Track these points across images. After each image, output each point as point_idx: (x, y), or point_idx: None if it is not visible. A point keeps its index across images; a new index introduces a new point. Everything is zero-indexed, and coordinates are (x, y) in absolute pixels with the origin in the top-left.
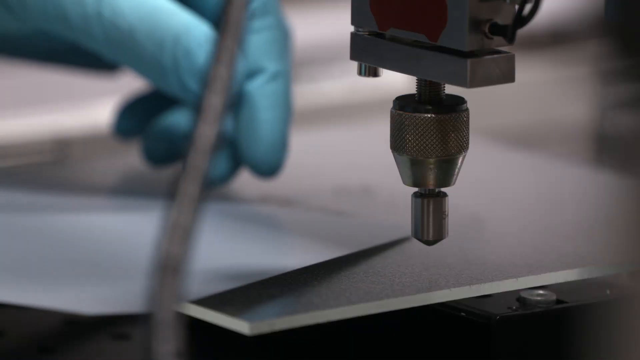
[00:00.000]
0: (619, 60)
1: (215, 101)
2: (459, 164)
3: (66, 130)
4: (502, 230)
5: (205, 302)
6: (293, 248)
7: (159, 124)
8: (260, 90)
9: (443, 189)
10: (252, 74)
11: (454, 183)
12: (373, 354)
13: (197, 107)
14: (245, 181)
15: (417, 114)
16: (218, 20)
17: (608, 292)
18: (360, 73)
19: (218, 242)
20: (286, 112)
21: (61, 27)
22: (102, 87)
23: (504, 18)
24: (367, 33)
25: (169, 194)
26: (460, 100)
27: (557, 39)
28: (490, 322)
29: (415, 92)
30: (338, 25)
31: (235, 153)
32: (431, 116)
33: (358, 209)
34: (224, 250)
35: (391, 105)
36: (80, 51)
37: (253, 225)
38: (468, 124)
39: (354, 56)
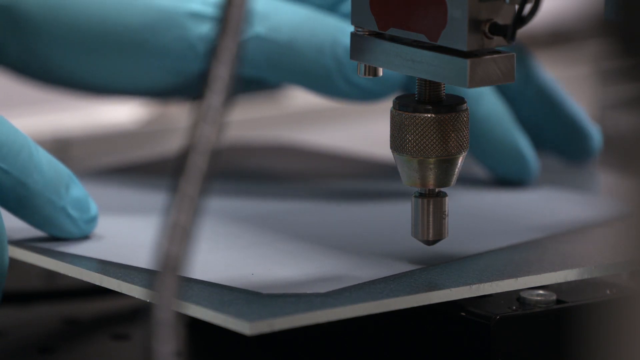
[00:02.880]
0: (619, 60)
1: (215, 101)
2: (459, 164)
3: (67, 129)
4: (503, 230)
5: (205, 302)
6: (293, 250)
7: None
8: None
9: (443, 189)
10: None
11: (454, 183)
12: (373, 354)
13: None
14: (246, 183)
15: (417, 114)
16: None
17: (608, 292)
18: (360, 73)
19: (218, 242)
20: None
21: None
22: None
23: (504, 18)
24: (367, 33)
25: (169, 193)
26: (460, 100)
27: (557, 39)
28: (490, 322)
29: (416, 92)
30: None
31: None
32: (431, 116)
33: (359, 209)
34: (225, 251)
35: (391, 105)
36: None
37: (254, 226)
38: (468, 124)
39: (354, 56)
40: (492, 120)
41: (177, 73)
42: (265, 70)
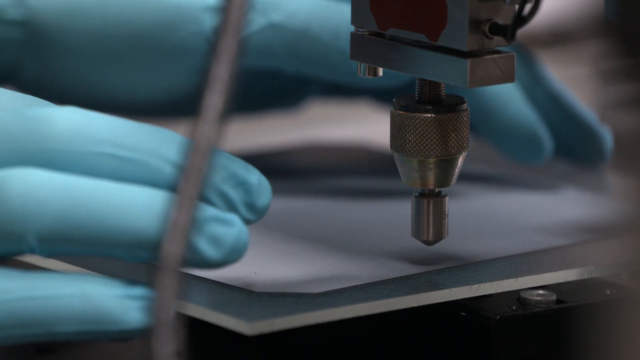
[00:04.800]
0: (619, 60)
1: (215, 101)
2: (459, 164)
3: None
4: (503, 230)
5: (205, 302)
6: (294, 249)
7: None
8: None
9: (443, 189)
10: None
11: (454, 183)
12: (373, 354)
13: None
14: None
15: (417, 114)
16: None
17: (608, 292)
18: (360, 73)
19: None
20: None
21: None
22: None
23: (504, 18)
24: (367, 33)
25: (171, 191)
26: (460, 100)
27: (557, 39)
28: (490, 322)
29: (415, 92)
30: None
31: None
32: (431, 116)
33: (359, 209)
34: None
35: (391, 105)
36: (255, 90)
37: (254, 225)
38: (468, 124)
39: (354, 56)
40: (500, 99)
41: (195, 72)
42: (282, 60)
